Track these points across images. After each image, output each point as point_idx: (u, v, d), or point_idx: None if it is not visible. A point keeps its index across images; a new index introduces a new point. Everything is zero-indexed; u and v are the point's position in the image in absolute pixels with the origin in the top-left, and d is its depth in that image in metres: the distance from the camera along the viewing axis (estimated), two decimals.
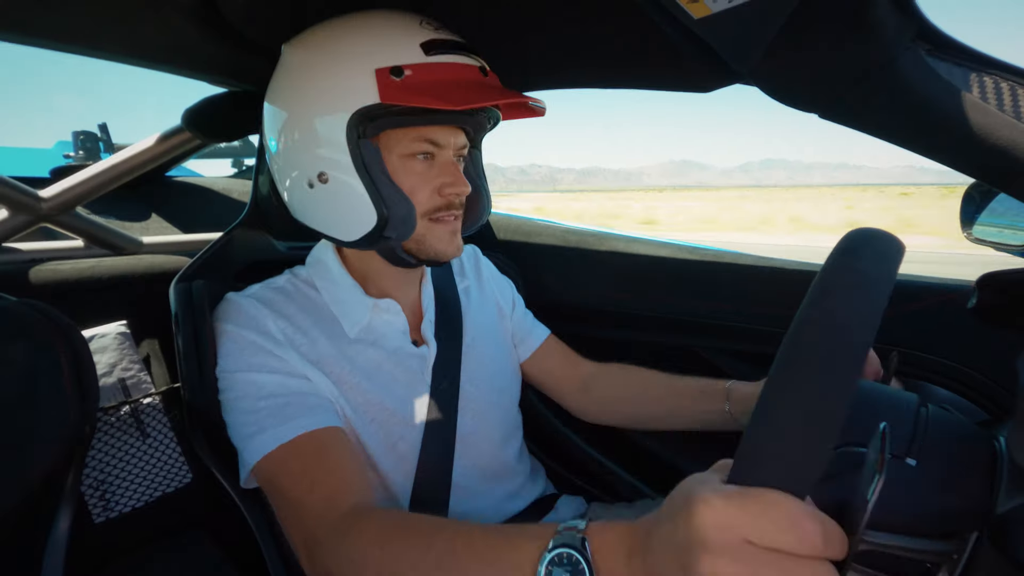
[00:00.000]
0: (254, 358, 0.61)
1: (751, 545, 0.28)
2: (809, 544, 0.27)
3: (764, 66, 0.50)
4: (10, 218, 0.88)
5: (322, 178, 0.61)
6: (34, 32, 0.66)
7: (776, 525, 0.27)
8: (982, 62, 0.43)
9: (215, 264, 0.75)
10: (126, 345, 0.84)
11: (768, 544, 0.28)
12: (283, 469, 0.57)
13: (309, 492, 0.55)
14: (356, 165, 0.59)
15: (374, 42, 0.59)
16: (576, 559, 0.37)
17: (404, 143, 0.61)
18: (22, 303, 0.60)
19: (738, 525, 0.28)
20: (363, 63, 0.58)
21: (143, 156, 0.99)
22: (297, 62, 0.63)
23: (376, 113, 0.58)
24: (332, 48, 0.60)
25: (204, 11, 0.64)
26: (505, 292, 0.88)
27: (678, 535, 0.31)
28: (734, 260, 1.00)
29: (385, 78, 0.57)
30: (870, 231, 0.33)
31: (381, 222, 0.60)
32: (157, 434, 0.83)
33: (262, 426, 0.58)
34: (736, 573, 0.28)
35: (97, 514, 0.76)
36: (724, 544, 0.28)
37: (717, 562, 0.28)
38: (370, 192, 0.59)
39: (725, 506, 0.29)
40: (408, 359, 0.68)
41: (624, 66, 0.75)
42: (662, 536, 0.33)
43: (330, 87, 0.59)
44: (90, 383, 0.61)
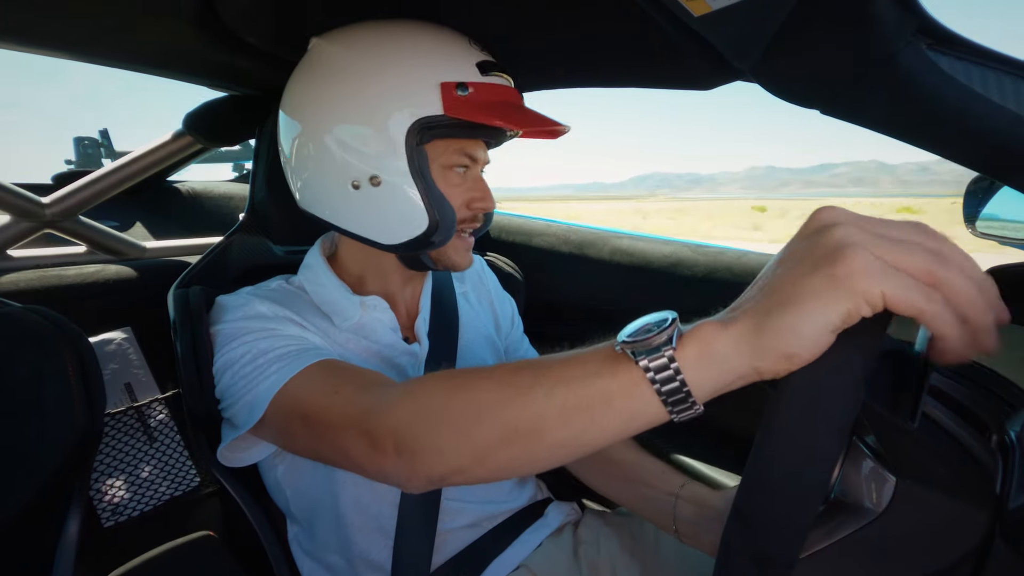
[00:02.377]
0: (245, 335, 0.60)
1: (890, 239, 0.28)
2: (943, 240, 0.29)
3: (765, 63, 0.50)
4: (13, 225, 0.89)
5: (374, 181, 0.61)
6: (35, 39, 0.66)
7: (908, 224, 0.29)
8: (984, 56, 0.43)
9: (213, 270, 0.75)
10: (131, 350, 0.84)
11: (903, 234, 0.29)
12: (305, 391, 0.52)
13: (341, 389, 0.51)
14: (412, 170, 0.60)
15: (435, 56, 0.60)
16: (660, 321, 0.34)
17: (447, 154, 0.63)
18: (27, 310, 0.61)
19: (878, 222, 0.29)
20: (429, 75, 0.59)
21: (145, 161, 0.99)
22: (342, 61, 0.61)
23: (436, 123, 0.59)
24: (392, 55, 0.60)
25: (204, 16, 0.65)
26: (505, 307, 0.87)
27: (812, 228, 0.31)
28: (737, 258, 1.00)
29: (450, 92, 0.59)
30: None
31: (432, 227, 0.61)
32: (164, 438, 0.84)
33: (267, 373, 0.55)
34: (882, 241, 0.28)
35: (106, 519, 0.77)
36: (850, 215, 0.29)
37: (854, 229, 0.29)
38: (423, 198, 0.61)
39: (841, 207, 0.30)
40: (399, 355, 0.69)
41: (624, 64, 0.75)
42: (791, 250, 0.32)
43: (392, 93, 0.59)
44: (96, 388, 0.61)
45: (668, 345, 0.32)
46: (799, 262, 0.30)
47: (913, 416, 0.29)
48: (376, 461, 0.45)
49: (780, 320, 0.29)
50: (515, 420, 0.38)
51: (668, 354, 0.32)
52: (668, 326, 0.33)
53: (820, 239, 0.29)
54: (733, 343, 0.31)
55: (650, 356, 0.32)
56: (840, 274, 0.28)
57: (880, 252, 0.28)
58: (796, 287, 0.29)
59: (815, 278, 0.29)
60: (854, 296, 0.27)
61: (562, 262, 1.13)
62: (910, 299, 0.27)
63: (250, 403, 0.55)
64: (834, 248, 0.28)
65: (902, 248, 0.28)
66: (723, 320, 0.33)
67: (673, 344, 0.32)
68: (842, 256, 0.28)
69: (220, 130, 0.91)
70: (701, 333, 0.32)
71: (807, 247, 0.30)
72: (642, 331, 0.34)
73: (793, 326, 0.29)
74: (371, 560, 0.63)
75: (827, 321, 0.28)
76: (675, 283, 1.03)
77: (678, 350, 0.32)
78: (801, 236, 0.32)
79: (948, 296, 0.28)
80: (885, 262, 0.28)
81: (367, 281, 0.71)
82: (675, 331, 0.33)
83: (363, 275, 0.71)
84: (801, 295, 0.29)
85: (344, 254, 0.73)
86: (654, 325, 0.34)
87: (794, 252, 0.31)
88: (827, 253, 0.29)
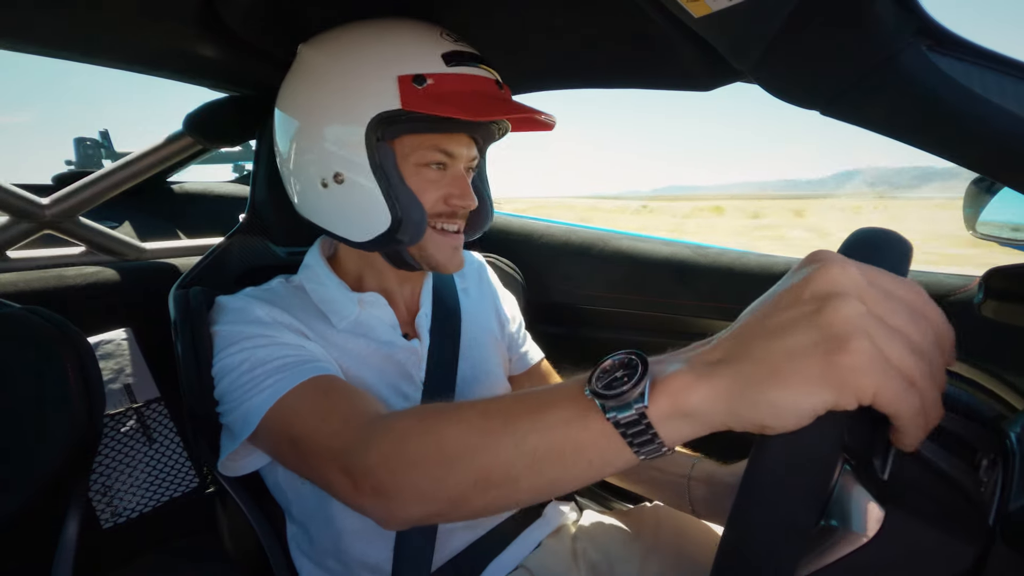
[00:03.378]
0: (244, 341, 0.60)
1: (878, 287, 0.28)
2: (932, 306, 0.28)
3: (764, 64, 0.50)
4: (13, 226, 0.89)
5: (338, 178, 0.62)
6: (36, 39, 0.66)
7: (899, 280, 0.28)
8: (984, 57, 0.43)
9: (214, 270, 0.75)
10: (131, 351, 0.84)
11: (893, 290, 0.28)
12: (293, 412, 0.54)
13: (328, 418, 0.51)
14: (373, 167, 0.60)
15: (397, 49, 0.60)
16: (631, 361, 0.33)
17: (420, 151, 0.63)
18: (27, 310, 0.61)
19: (863, 270, 0.28)
20: (386, 69, 0.59)
21: (145, 162, 0.99)
22: (316, 64, 0.63)
23: (396, 118, 0.59)
24: (354, 52, 0.61)
25: (205, 17, 0.65)
26: (508, 304, 0.87)
27: (802, 274, 0.29)
28: (737, 259, 1.00)
29: (407, 85, 0.58)
30: (878, 231, 0.33)
31: (394, 224, 0.61)
32: (163, 439, 0.84)
33: (262, 387, 0.56)
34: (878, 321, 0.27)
35: (105, 519, 0.77)
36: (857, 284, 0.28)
37: (861, 305, 0.27)
38: (385, 194, 0.60)
39: (842, 259, 0.29)
40: (399, 352, 0.68)
41: (624, 65, 0.75)
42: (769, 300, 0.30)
43: (351, 90, 0.60)
44: (96, 389, 0.61)
45: (640, 401, 0.31)
46: (796, 328, 0.28)
47: (883, 468, 0.29)
48: (356, 499, 0.46)
49: (762, 395, 0.28)
50: (488, 469, 0.38)
51: (640, 410, 0.31)
52: (639, 378, 0.31)
53: (826, 313, 0.27)
54: (708, 402, 0.30)
55: (621, 412, 0.31)
56: (842, 365, 0.26)
57: (883, 343, 0.26)
58: (788, 363, 0.27)
59: (812, 361, 0.27)
60: (846, 391, 0.26)
61: (563, 263, 1.13)
62: (897, 404, 0.26)
63: (244, 415, 0.56)
64: (841, 332, 0.26)
65: (901, 343, 0.27)
66: (699, 372, 0.30)
67: (645, 400, 0.31)
68: (848, 347, 0.26)
69: (220, 131, 0.91)
70: (675, 386, 0.31)
71: (809, 316, 0.28)
72: (613, 379, 0.32)
73: (774, 403, 0.27)
74: (369, 563, 0.63)
75: (811, 408, 0.27)
76: (675, 284, 1.03)
77: (650, 406, 0.31)
78: (800, 294, 0.29)
79: (921, 396, 0.27)
80: (886, 359, 0.26)
81: (365, 279, 0.71)
82: (646, 384, 0.31)
83: (360, 274, 0.71)
84: (790, 374, 0.27)
85: (342, 253, 0.73)
86: (625, 371, 0.32)
87: (791, 312, 0.28)
88: (832, 336, 0.26)
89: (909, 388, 0.26)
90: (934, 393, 0.28)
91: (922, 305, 0.29)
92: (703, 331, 1.01)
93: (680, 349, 0.33)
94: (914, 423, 0.27)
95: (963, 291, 0.80)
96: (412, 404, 0.68)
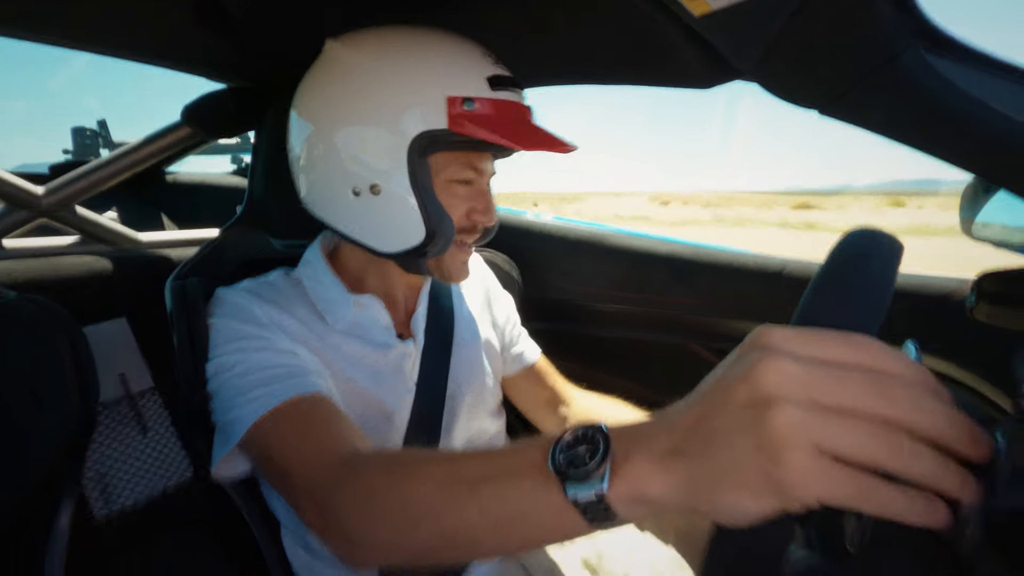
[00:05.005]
0: (240, 341, 0.61)
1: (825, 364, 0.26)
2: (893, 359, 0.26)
3: (764, 64, 0.50)
4: (9, 214, 0.88)
5: (374, 189, 0.61)
6: (35, 28, 0.66)
7: (859, 347, 0.26)
8: (982, 60, 0.44)
9: (211, 262, 0.75)
10: (126, 340, 0.84)
11: (845, 359, 0.26)
12: (275, 433, 0.55)
13: (303, 447, 0.53)
14: (412, 182, 0.60)
15: (446, 68, 0.60)
16: (592, 435, 0.33)
17: (453, 168, 0.63)
18: (22, 298, 0.60)
19: (818, 341, 0.26)
20: (435, 87, 0.59)
21: (142, 152, 0.99)
22: (353, 66, 0.62)
23: (440, 137, 0.59)
24: (400, 62, 0.60)
25: (205, 7, 0.64)
26: (503, 304, 0.88)
27: (741, 364, 0.28)
28: (734, 259, 1.00)
29: (456, 107, 0.59)
30: (869, 231, 0.33)
31: (428, 238, 0.62)
32: (158, 427, 0.84)
33: (250, 396, 0.57)
34: (821, 421, 0.25)
35: (98, 508, 0.77)
36: (803, 355, 0.26)
37: (794, 365, 0.26)
38: (422, 208, 0.61)
39: (797, 330, 0.27)
40: (393, 352, 0.69)
41: (623, 62, 0.75)
42: (712, 386, 0.29)
43: (398, 102, 0.59)
44: (90, 378, 0.61)
45: (600, 484, 0.31)
46: (736, 436, 0.27)
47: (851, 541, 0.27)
48: (324, 536, 0.48)
49: (712, 495, 0.28)
50: (451, 531, 0.39)
51: (599, 494, 0.31)
52: (600, 459, 0.32)
53: (762, 423, 0.26)
54: (665, 494, 0.30)
55: (581, 492, 0.32)
56: (781, 479, 0.25)
57: (831, 443, 0.25)
58: (732, 470, 0.27)
59: (753, 472, 0.26)
60: (790, 500, 0.26)
61: (560, 260, 1.13)
62: (856, 502, 0.25)
63: (231, 424, 0.57)
64: (777, 446, 0.25)
65: (855, 434, 0.25)
66: (657, 461, 0.30)
67: (605, 485, 0.31)
68: (783, 462, 0.25)
69: (219, 122, 0.91)
70: (634, 472, 0.31)
71: (747, 425, 0.27)
72: (575, 456, 0.33)
73: (723, 506, 0.28)
74: None
75: (759, 512, 0.27)
76: (673, 282, 1.03)
77: (610, 491, 0.31)
78: (739, 395, 0.27)
79: (904, 470, 0.25)
80: (833, 462, 0.25)
81: (366, 280, 0.71)
82: (607, 468, 0.31)
83: (362, 275, 0.71)
84: (735, 481, 0.27)
85: (345, 253, 0.73)
86: (588, 447, 0.33)
87: (732, 417, 0.27)
88: (769, 449, 0.25)
89: (868, 482, 0.25)
90: (918, 464, 0.25)
91: (885, 363, 0.26)
92: (700, 329, 1.02)
93: (646, 422, 0.33)
94: (889, 509, 0.25)
95: (956, 294, 0.80)
96: (405, 404, 0.68)
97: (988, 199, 0.65)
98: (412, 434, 0.68)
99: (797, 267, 0.94)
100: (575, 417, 0.83)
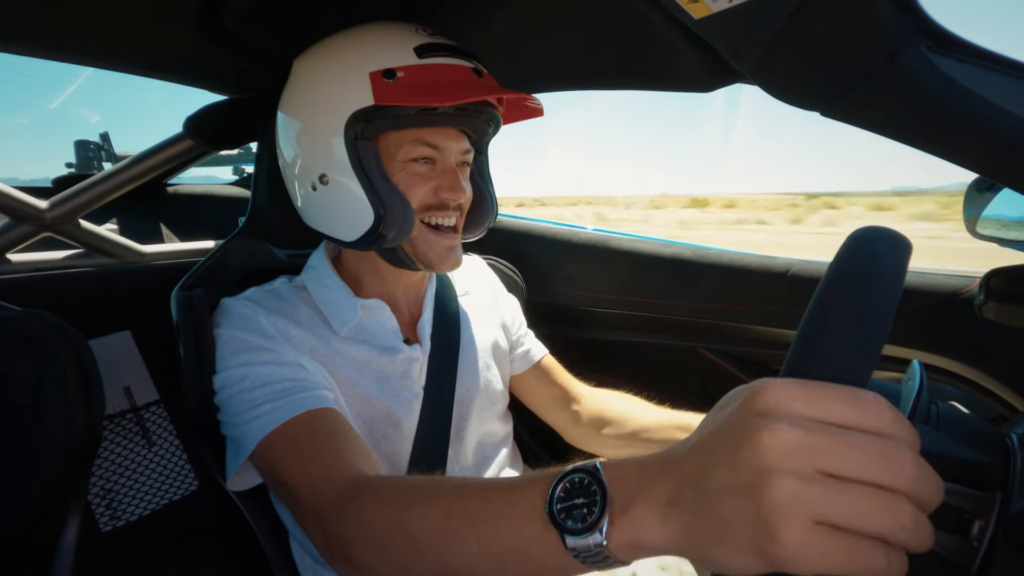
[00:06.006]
0: (248, 354, 0.61)
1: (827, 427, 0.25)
2: (897, 423, 0.25)
3: (765, 65, 0.50)
4: (13, 228, 0.88)
5: (323, 180, 0.63)
6: (38, 44, 0.66)
7: (857, 402, 0.25)
8: (984, 57, 0.43)
9: (215, 273, 0.75)
10: (130, 353, 0.84)
11: (848, 420, 0.25)
12: (282, 451, 0.56)
13: (309, 469, 0.54)
14: (353, 165, 0.61)
15: (369, 48, 0.61)
16: (589, 482, 0.33)
17: (405, 147, 0.63)
18: (27, 313, 0.60)
19: (815, 398, 0.26)
20: (358, 67, 0.60)
21: (144, 165, 0.99)
22: (302, 73, 0.66)
23: (371, 115, 0.60)
24: (332, 57, 0.63)
25: (206, 20, 0.65)
26: (510, 308, 0.88)
27: (735, 419, 0.27)
28: (737, 259, 1.00)
29: (378, 80, 0.59)
30: (878, 229, 0.33)
31: (378, 221, 0.61)
32: (162, 442, 0.83)
33: (259, 412, 0.57)
34: (821, 493, 0.24)
35: (104, 523, 0.76)
36: (799, 414, 0.26)
37: (793, 431, 0.25)
38: (367, 191, 0.61)
39: (792, 383, 0.26)
40: (399, 357, 0.69)
41: (624, 67, 0.75)
42: (707, 437, 0.29)
43: (329, 92, 0.61)
44: (95, 392, 0.61)
45: (598, 535, 0.31)
46: (731, 497, 0.27)
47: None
48: (328, 558, 0.50)
49: (707, 550, 0.28)
50: (453, 565, 0.40)
51: (596, 541, 0.31)
52: (599, 513, 0.32)
53: (758, 492, 0.26)
54: (662, 544, 0.30)
55: (579, 541, 0.32)
56: (773, 553, 0.25)
57: (828, 515, 0.24)
58: (726, 529, 0.27)
59: (747, 536, 0.26)
60: (786, 569, 0.25)
61: (563, 264, 1.13)
62: (845, 570, 0.25)
63: (242, 438, 0.58)
64: (772, 517, 0.25)
65: (856, 504, 0.25)
66: (654, 512, 0.30)
67: (603, 539, 0.31)
68: (779, 535, 0.25)
69: (220, 133, 0.91)
70: (634, 522, 0.31)
71: (743, 488, 0.26)
72: (572, 506, 0.33)
73: (718, 561, 0.28)
74: None
75: (753, 571, 0.26)
76: (676, 285, 1.03)
77: (608, 542, 0.31)
78: (737, 454, 0.27)
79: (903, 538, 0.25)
80: (829, 531, 0.25)
81: (365, 282, 0.71)
82: (604, 523, 0.31)
83: (360, 276, 0.71)
84: (729, 540, 0.27)
85: (346, 256, 0.73)
86: (584, 499, 0.33)
87: (728, 476, 0.27)
88: (764, 517, 0.25)
89: (863, 551, 0.24)
90: (918, 535, 0.25)
91: (888, 426, 0.26)
92: (706, 332, 1.02)
93: (645, 463, 0.33)
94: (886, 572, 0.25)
95: (964, 292, 0.80)
96: (413, 409, 0.68)
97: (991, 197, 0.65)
98: (421, 439, 0.68)
99: (803, 267, 0.94)
100: (587, 415, 0.82)
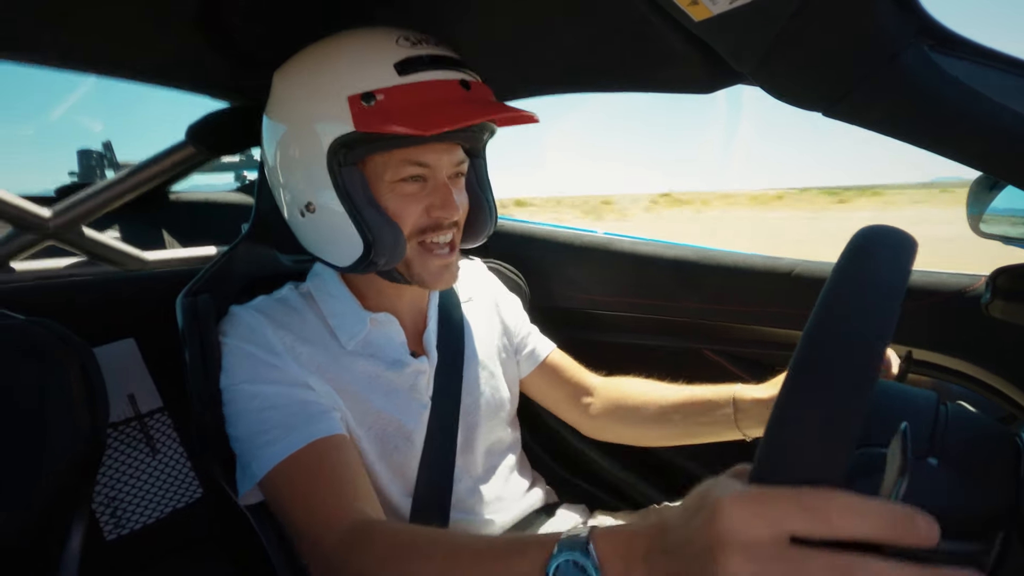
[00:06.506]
0: (255, 370, 0.61)
1: (787, 542, 0.26)
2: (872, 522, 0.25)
3: (766, 66, 0.50)
4: (16, 237, 0.89)
5: (310, 208, 0.62)
6: (39, 52, 0.67)
7: (818, 512, 0.26)
8: (985, 55, 0.43)
9: (220, 278, 0.75)
10: (134, 360, 0.84)
11: (810, 532, 0.26)
12: (288, 483, 0.57)
13: (313, 509, 0.55)
14: (339, 194, 0.58)
15: (347, 67, 0.58)
16: (583, 565, 0.36)
17: (392, 168, 0.60)
18: (31, 322, 0.61)
19: (772, 518, 0.27)
20: (337, 91, 0.57)
21: (147, 172, 0.99)
22: (280, 92, 0.64)
23: (354, 141, 0.57)
24: (309, 77, 0.60)
25: (205, 27, 0.65)
26: (512, 308, 0.87)
27: (699, 536, 0.29)
28: (740, 260, 1.00)
29: (357, 105, 0.56)
30: (882, 228, 0.32)
31: (367, 249, 0.60)
32: (167, 449, 0.83)
33: (268, 438, 0.58)
34: (771, 573, 0.26)
35: (109, 531, 0.76)
36: (754, 540, 0.27)
37: (746, 563, 0.27)
38: (354, 219, 0.59)
39: (752, 500, 0.27)
40: (407, 370, 0.68)
41: (624, 69, 0.75)
42: (679, 539, 0.31)
43: (307, 116, 0.59)
44: (100, 400, 0.61)
45: None
46: None
47: None
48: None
49: None
50: None
51: None
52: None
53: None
54: None
55: None
56: None
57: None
58: None
59: None
60: None
61: (566, 267, 1.12)
62: None
63: (249, 464, 0.59)
64: None
65: None
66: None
67: None
68: None
69: (222, 140, 0.91)
70: None
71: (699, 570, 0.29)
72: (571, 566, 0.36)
73: None
74: None
75: None
76: (679, 286, 1.03)
77: None
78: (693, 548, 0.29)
79: None
80: None
81: (368, 294, 0.70)
82: None
83: (363, 289, 0.71)
84: None
85: None
86: (582, 558, 0.36)
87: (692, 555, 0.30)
88: None
89: None
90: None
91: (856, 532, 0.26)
92: (711, 333, 1.01)
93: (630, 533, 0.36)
94: None
95: (970, 290, 0.79)
96: (421, 420, 0.68)
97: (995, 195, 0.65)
98: (429, 450, 0.68)
99: (807, 268, 0.93)
100: (602, 405, 0.81)
